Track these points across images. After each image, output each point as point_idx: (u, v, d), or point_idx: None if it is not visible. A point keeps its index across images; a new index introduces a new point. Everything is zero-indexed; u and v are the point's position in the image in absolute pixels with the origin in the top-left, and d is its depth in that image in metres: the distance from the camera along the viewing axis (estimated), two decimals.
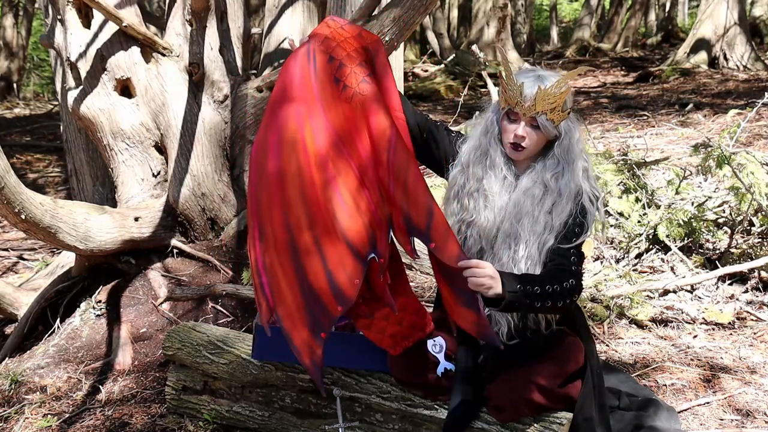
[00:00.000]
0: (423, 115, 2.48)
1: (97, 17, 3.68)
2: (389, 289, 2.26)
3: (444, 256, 2.17)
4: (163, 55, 3.79)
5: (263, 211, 2.26)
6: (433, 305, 2.72)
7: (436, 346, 2.38)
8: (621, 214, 4.37)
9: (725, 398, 2.94)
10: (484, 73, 7.19)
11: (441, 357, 2.37)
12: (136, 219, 3.60)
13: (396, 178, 2.20)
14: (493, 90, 6.63)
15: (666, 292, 3.84)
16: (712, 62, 12.39)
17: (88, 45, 3.67)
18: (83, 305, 3.62)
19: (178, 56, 3.82)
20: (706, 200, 4.46)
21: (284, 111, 2.25)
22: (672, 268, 4.09)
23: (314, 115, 2.24)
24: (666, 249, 4.22)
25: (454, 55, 13.74)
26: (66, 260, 4.09)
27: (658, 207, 4.39)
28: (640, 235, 4.22)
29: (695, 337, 3.49)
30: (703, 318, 3.60)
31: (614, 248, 4.32)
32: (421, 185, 2.20)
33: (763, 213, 4.12)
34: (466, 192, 2.35)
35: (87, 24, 3.70)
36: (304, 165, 2.23)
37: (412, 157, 2.24)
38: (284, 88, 2.27)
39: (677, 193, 4.56)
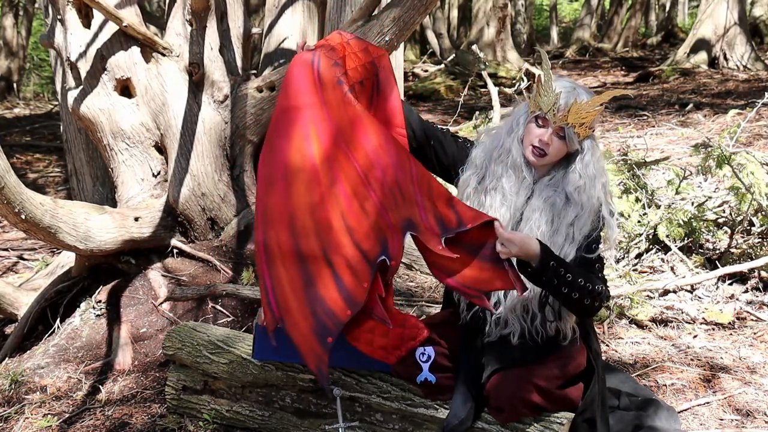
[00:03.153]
0: (429, 122, 2.51)
1: (97, 17, 3.68)
2: (381, 303, 2.28)
3: (473, 240, 2.21)
4: (163, 55, 3.79)
5: (269, 220, 2.27)
6: (441, 305, 2.73)
7: (424, 355, 2.40)
8: (621, 214, 4.37)
9: (725, 398, 2.94)
10: (484, 73, 7.19)
11: (425, 366, 2.39)
12: (136, 219, 3.60)
13: (420, 186, 2.24)
14: (493, 90, 6.63)
15: (666, 292, 3.84)
16: (712, 62, 12.39)
17: (88, 45, 3.67)
18: (83, 305, 3.62)
19: (178, 56, 3.82)
20: (706, 200, 4.46)
21: (290, 117, 2.27)
22: (672, 268, 4.09)
23: (319, 119, 2.26)
24: (666, 249, 4.22)
25: (454, 55, 13.74)
26: (66, 260, 4.09)
27: (658, 207, 4.39)
28: (640, 235, 4.22)
29: (695, 337, 3.49)
30: (703, 318, 3.60)
31: (614, 248, 4.32)
32: (440, 185, 2.26)
33: (763, 213, 4.12)
34: (482, 188, 2.37)
35: (87, 24, 3.69)
36: (310, 169, 2.24)
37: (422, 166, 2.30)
38: (288, 95, 2.29)
39: (677, 193, 4.56)
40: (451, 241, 2.24)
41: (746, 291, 3.85)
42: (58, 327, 3.59)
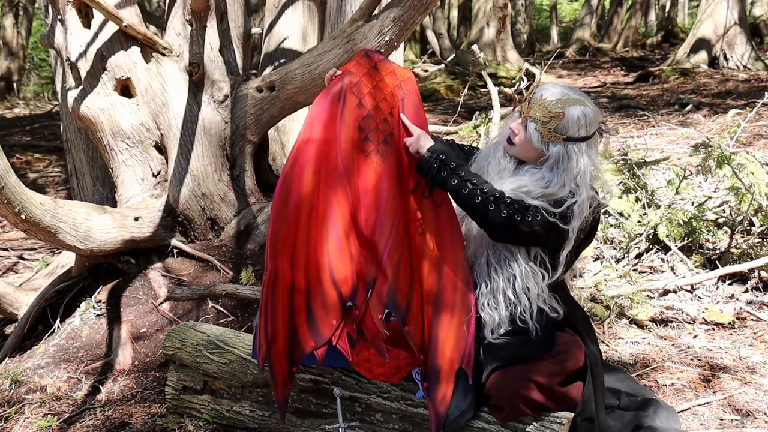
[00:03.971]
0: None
1: (97, 17, 3.68)
2: (382, 337, 2.35)
3: (413, 341, 2.32)
4: (163, 55, 3.79)
5: (279, 249, 2.35)
6: None
7: (420, 374, 2.42)
8: (621, 214, 4.37)
9: (725, 398, 2.94)
10: (484, 73, 7.18)
11: (421, 386, 2.40)
12: (136, 219, 3.60)
13: (390, 257, 2.31)
14: (493, 90, 6.63)
15: (666, 292, 3.84)
16: (712, 62, 12.39)
17: (88, 45, 3.67)
18: (83, 305, 3.62)
19: (178, 56, 3.82)
20: (706, 200, 4.46)
21: (307, 149, 2.36)
22: (672, 268, 4.09)
23: (332, 156, 2.35)
24: (666, 249, 4.22)
25: (454, 55, 13.74)
26: (66, 260, 4.09)
27: (658, 207, 4.39)
28: (640, 235, 4.22)
29: (695, 337, 3.49)
30: (703, 318, 3.60)
31: (614, 248, 4.32)
32: (408, 270, 2.34)
33: (763, 213, 4.12)
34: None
35: (87, 24, 3.69)
36: (313, 203, 2.35)
37: (407, 238, 2.35)
38: (312, 124, 2.37)
39: (677, 193, 4.56)
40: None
41: (746, 291, 3.85)
42: (58, 327, 3.59)
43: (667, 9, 21.06)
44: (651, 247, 4.25)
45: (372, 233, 2.32)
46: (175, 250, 3.74)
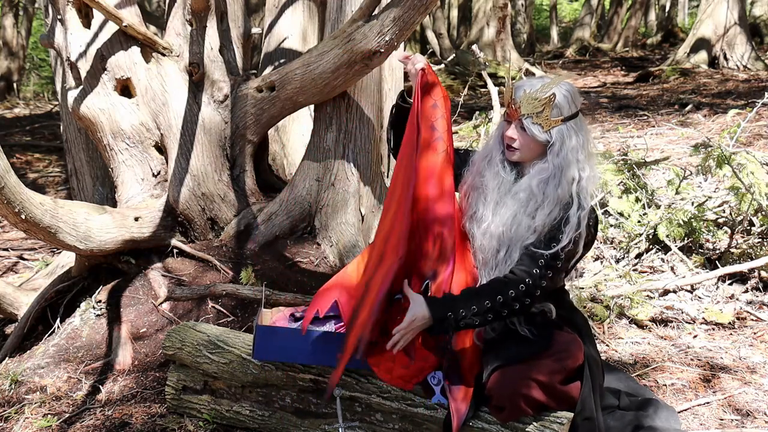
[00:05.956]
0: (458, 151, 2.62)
1: (97, 17, 3.68)
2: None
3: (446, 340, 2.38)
4: (163, 55, 3.79)
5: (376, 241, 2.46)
6: None
7: (434, 378, 2.43)
8: (621, 214, 4.37)
9: (725, 398, 2.94)
10: (484, 73, 7.18)
11: (437, 389, 2.42)
12: (136, 219, 3.60)
13: (452, 248, 2.38)
14: (493, 90, 6.63)
15: (666, 292, 3.84)
16: (712, 62, 12.40)
17: (88, 45, 3.67)
18: (83, 305, 3.62)
19: (178, 56, 3.82)
20: (706, 200, 4.46)
21: (402, 148, 2.48)
22: (672, 268, 4.09)
23: (408, 156, 2.43)
24: (666, 249, 4.22)
25: (454, 55, 13.74)
26: (66, 260, 4.09)
27: (658, 207, 4.39)
28: (640, 235, 4.22)
29: (695, 337, 3.49)
30: (703, 318, 3.60)
31: (614, 248, 4.32)
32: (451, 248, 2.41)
33: (763, 213, 4.12)
34: (470, 186, 2.45)
35: (87, 24, 3.69)
36: (389, 201, 2.45)
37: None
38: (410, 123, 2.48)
39: (677, 193, 4.57)
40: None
41: (746, 291, 3.85)
42: (58, 327, 3.59)
43: (667, 9, 21.07)
44: (651, 247, 4.26)
45: (441, 226, 2.38)
46: (175, 250, 3.74)
